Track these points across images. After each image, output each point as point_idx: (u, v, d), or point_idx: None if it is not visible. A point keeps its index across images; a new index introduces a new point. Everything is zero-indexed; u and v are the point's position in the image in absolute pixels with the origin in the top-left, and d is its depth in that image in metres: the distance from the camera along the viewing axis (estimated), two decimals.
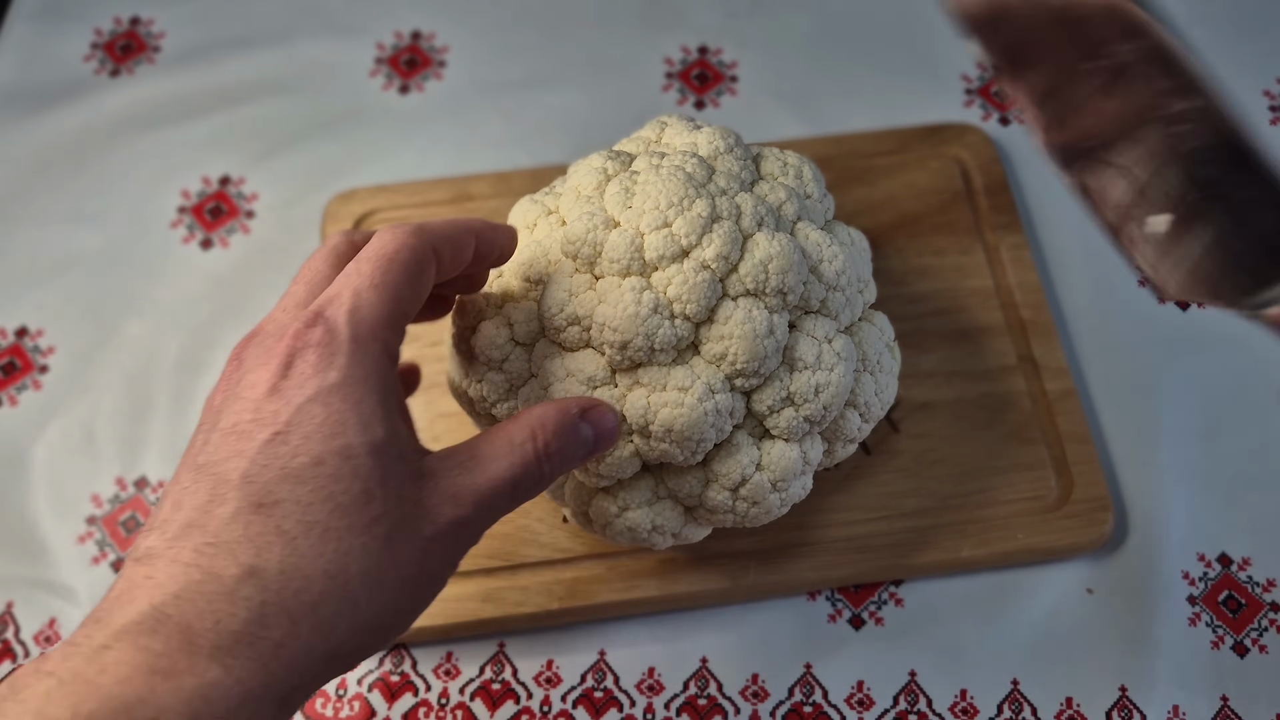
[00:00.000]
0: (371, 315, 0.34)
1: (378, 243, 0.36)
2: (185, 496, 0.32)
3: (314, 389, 0.32)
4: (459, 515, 0.34)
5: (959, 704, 0.49)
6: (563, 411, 0.37)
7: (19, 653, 0.52)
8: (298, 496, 0.31)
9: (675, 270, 0.40)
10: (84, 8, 0.70)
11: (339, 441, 0.32)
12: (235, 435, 0.32)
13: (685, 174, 0.42)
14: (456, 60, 0.68)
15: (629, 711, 0.50)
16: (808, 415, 0.42)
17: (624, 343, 0.40)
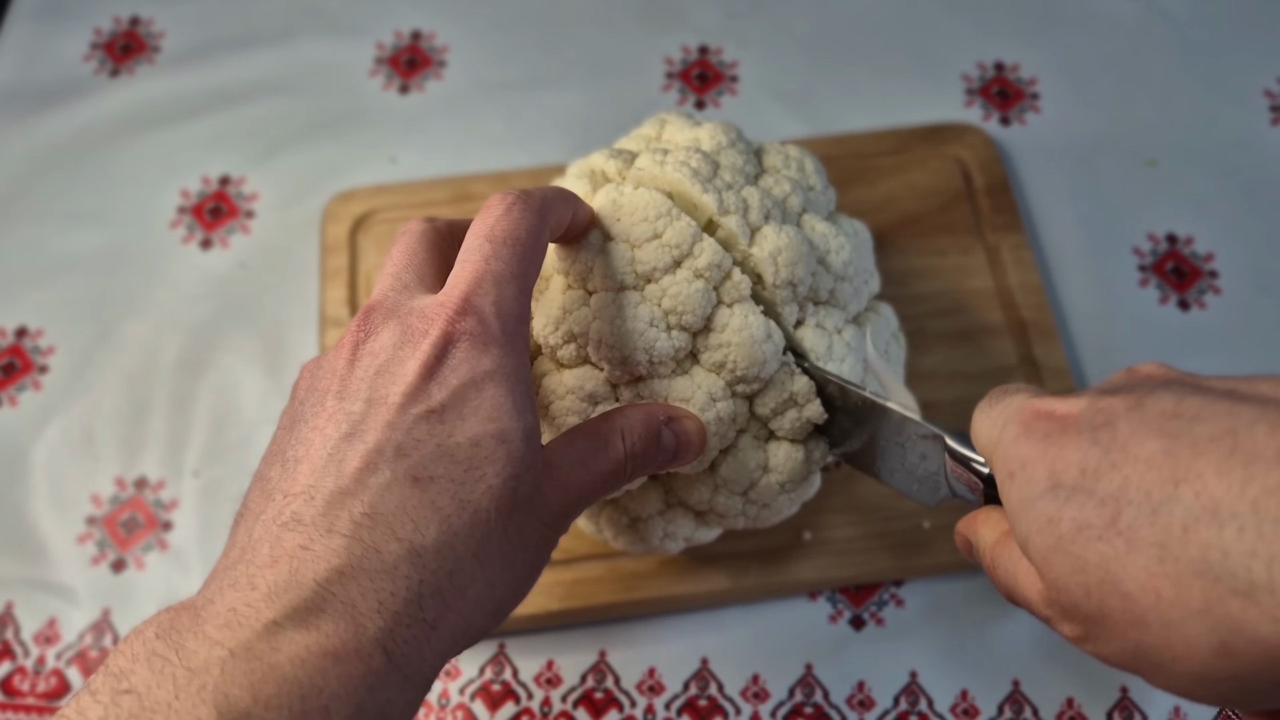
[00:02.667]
0: (514, 309, 0.35)
1: (507, 221, 0.36)
2: (331, 464, 0.31)
3: (469, 373, 0.32)
4: (567, 507, 0.35)
5: (960, 704, 0.49)
6: (650, 417, 0.38)
7: (19, 653, 0.52)
8: (453, 475, 0.31)
9: (670, 281, 0.40)
10: (84, 8, 0.70)
11: (496, 425, 0.32)
12: (386, 408, 0.32)
13: (691, 169, 0.42)
14: (456, 60, 0.68)
15: (629, 712, 0.50)
16: (810, 417, 0.42)
17: (623, 358, 0.40)
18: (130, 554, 0.54)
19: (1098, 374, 0.57)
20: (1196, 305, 0.59)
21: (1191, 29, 0.67)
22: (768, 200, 0.43)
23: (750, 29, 0.69)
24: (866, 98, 0.66)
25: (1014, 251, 0.58)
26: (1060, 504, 0.29)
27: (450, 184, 0.62)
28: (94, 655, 0.52)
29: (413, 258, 0.37)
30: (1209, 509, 0.26)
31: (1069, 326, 0.58)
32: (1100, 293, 0.59)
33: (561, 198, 0.39)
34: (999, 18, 0.69)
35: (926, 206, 0.60)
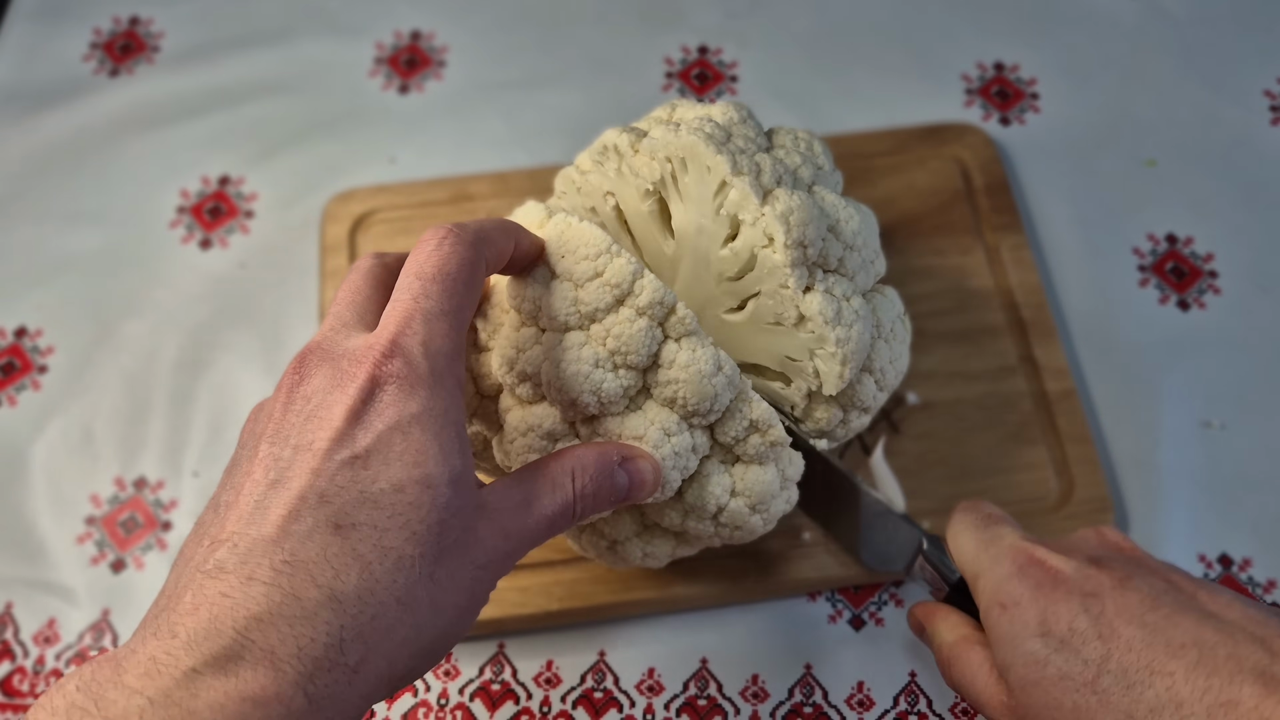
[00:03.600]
0: (445, 347, 0.34)
1: (438, 256, 0.36)
2: (257, 511, 0.31)
3: (395, 417, 0.32)
4: (507, 549, 0.35)
5: (960, 704, 0.49)
6: (603, 457, 0.38)
7: (18, 653, 0.52)
8: (375, 521, 0.31)
9: (613, 320, 0.39)
10: (83, 8, 0.70)
11: (420, 470, 0.32)
12: (312, 454, 0.32)
13: (705, 134, 0.42)
14: (456, 60, 0.68)
15: (629, 712, 0.50)
16: (774, 440, 0.41)
17: (572, 400, 0.40)
18: (130, 554, 0.54)
19: (1097, 374, 0.57)
20: (1196, 305, 0.59)
21: (1191, 29, 0.67)
22: (780, 167, 0.43)
23: (750, 29, 0.69)
24: (866, 98, 0.66)
25: (1014, 251, 0.58)
26: (1049, 651, 0.37)
27: (450, 184, 0.62)
28: (94, 655, 0.51)
29: (355, 295, 0.37)
30: (1174, 702, 0.34)
31: (1069, 326, 0.58)
32: (1100, 293, 0.59)
33: (500, 229, 0.39)
34: (999, 18, 0.69)
35: (926, 206, 0.60)
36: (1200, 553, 0.53)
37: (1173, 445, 0.55)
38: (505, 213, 0.60)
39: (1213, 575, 0.52)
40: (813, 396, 0.46)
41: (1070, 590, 0.37)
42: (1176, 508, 0.53)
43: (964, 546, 0.42)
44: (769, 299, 0.44)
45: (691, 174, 0.44)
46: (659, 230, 0.48)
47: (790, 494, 0.44)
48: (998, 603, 0.39)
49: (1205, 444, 0.55)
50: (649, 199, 0.47)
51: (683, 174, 0.45)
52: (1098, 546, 0.41)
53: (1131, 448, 0.55)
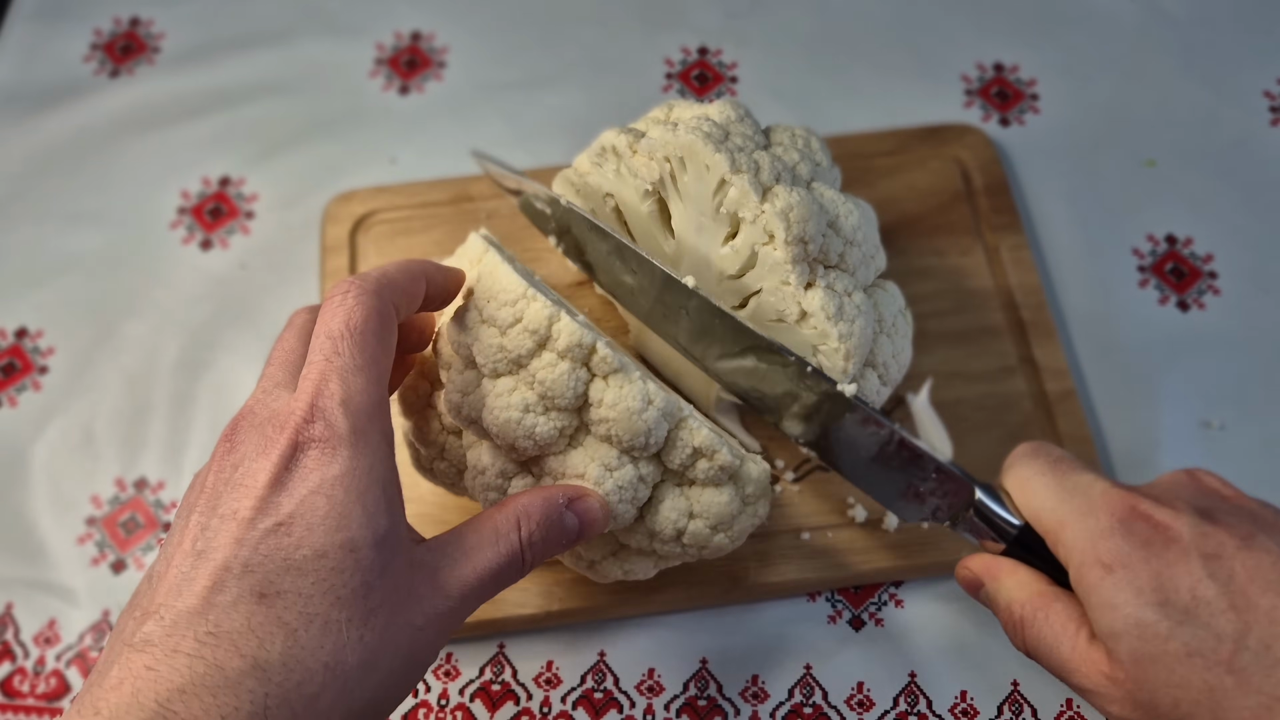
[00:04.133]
0: (364, 402, 0.34)
1: (343, 312, 0.36)
2: (184, 582, 0.32)
3: (317, 481, 0.33)
4: (448, 606, 0.35)
5: (959, 705, 0.49)
6: (548, 502, 0.38)
7: (18, 653, 0.52)
8: (300, 588, 0.32)
9: (537, 365, 0.40)
10: (84, 8, 0.70)
11: (343, 534, 0.32)
12: (236, 523, 0.32)
13: (703, 133, 0.42)
14: (456, 60, 0.68)
15: (629, 712, 0.50)
16: (723, 465, 0.41)
17: (510, 444, 0.40)
18: (130, 554, 0.54)
19: (1097, 374, 0.57)
20: (1196, 306, 0.59)
21: (1191, 29, 0.67)
22: (778, 164, 0.43)
23: (750, 29, 0.69)
24: (866, 98, 0.66)
25: (1013, 252, 0.58)
26: (1172, 623, 0.32)
27: (450, 184, 0.62)
28: (94, 656, 0.52)
29: (288, 355, 0.37)
30: None
31: (1068, 326, 0.58)
32: (1100, 293, 0.59)
33: (404, 272, 0.39)
34: (998, 18, 0.69)
35: (926, 207, 0.60)
36: None
37: (1173, 445, 0.55)
38: (506, 213, 0.61)
39: None
40: None
41: (1187, 550, 0.33)
42: None
43: (1039, 495, 0.38)
44: (770, 296, 0.44)
45: (690, 173, 0.44)
46: (659, 230, 0.48)
47: (758, 508, 0.44)
48: (1099, 562, 0.34)
49: (1205, 444, 0.55)
50: (648, 199, 0.47)
51: (681, 173, 0.45)
52: (1197, 494, 0.36)
53: (1131, 448, 0.55)
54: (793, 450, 0.53)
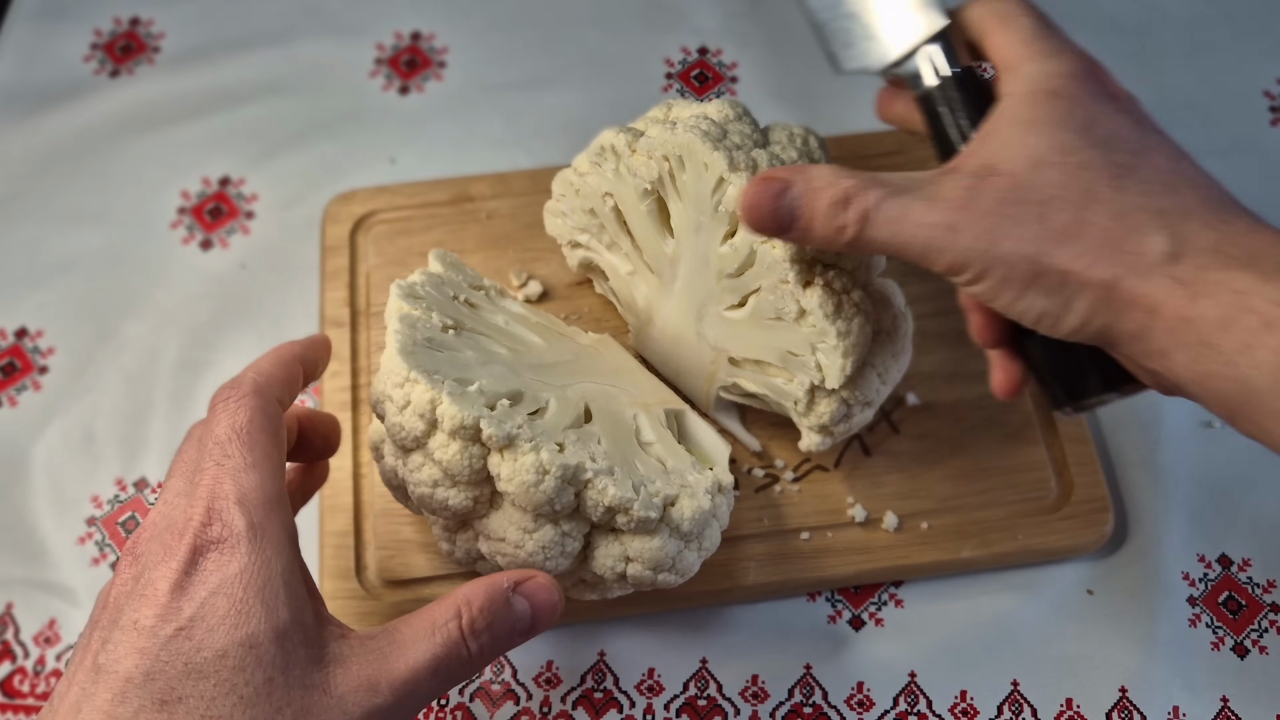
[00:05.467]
0: (260, 498, 0.35)
1: (227, 418, 0.37)
2: (85, 700, 0.32)
3: (217, 581, 0.33)
4: (374, 704, 0.34)
5: (959, 705, 0.49)
6: (492, 586, 0.37)
7: (19, 653, 0.52)
8: (201, 692, 0.31)
9: (434, 444, 0.40)
10: (84, 8, 0.70)
11: (243, 631, 0.32)
12: (137, 632, 0.32)
13: (701, 131, 0.43)
14: (456, 60, 0.68)
15: (629, 712, 0.50)
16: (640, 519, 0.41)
17: (432, 512, 0.41)
18: None
19: None
20: None
21: (1191, 29, 0.67)
22: (776, 162, 0.43)
23: (750, 29, 0.69)
24: (866, 98, 0.66)
25: None
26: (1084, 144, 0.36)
27: (450, 184, 0.62)
28: None
29: (187, 465, 0.38)
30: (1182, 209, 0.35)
31: None
32: None
33: (278, 363, 0.40)
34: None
35: None
36: (1200, 553, 0.53)
37: (1173, 445, 0.55)
38: (507, 213, 0.61)
39: (1212, 576, 0.52)
40: (815, 391, 0.46)
41: (1122, 108, 0.38)
42: (1176, 508, 0.53)
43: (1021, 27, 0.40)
44: (769, 294, 0.44)
45: (689, 171, 0.44)
46: (658, 230, 0.48)
47: (704, 540, 0.44)
48: (1050, 90, 0.37)
49: (1205, 444, 0.55)
50: (647, 198, 0.47)
51: (680, 172, 0.45)
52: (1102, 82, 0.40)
53: (1131, 448, 0.55)
54: (793, 450, 0.53)
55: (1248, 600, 0.52)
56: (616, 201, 0.49)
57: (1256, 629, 0.51)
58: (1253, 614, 0.51)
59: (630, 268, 0.51)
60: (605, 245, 0.52)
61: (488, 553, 0.42)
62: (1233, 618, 0.51)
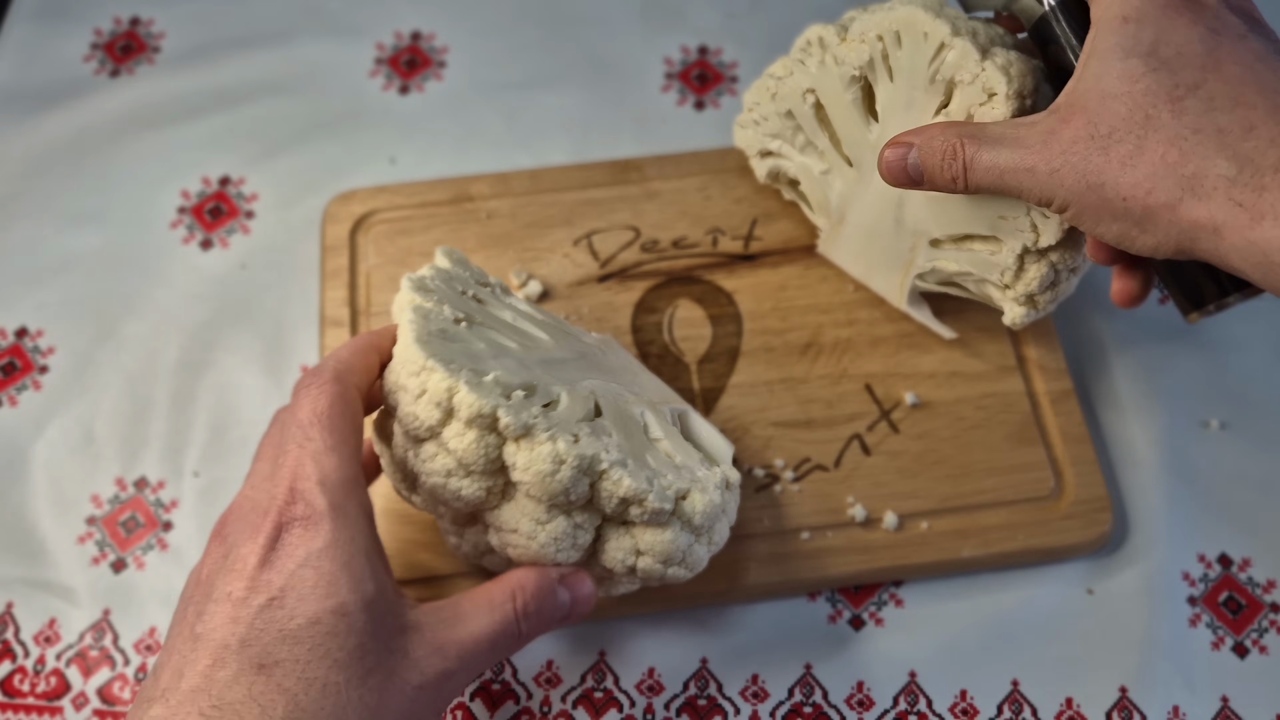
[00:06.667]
0: (339, 478, 0.37)
1: (309, 402, 0.39)
2: (186, 665, 0.34)
3: (303, 555, 0.35)
4: (444, 667, 0.37)
5: (959, 704, 0.49)
6: (543, 576, 0.41)
7: (19, 653, 0.52)
8: (296, 655, 0.33)
9: (449, 433, 0.40)
10: (84, 8, 0.70)
11: (333, 601, 0.34)
12: (230, 603, 0.34)
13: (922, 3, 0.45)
14: (456, 60, 0.68)
15: (629, 712, 0.50)
16: (654, 510, 0.41)
17: (445, 503, 0.41)
18: (130, 554, 0.54)
19: (1097, 373, 0.57)
20: None
21: None
22: (991, 30, 0.45)
23: (750, 29, 0.69)
24: None
25: None
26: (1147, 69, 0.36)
27: (450, 184, 0.62)
28: (94, 655, 0.52)
29: (273, 450, 0.39)
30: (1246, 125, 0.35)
31: (1068, 326, 0.58)
32: (1100, 292, 0.59)
33: (357, 352, 0.41)
34: None
35: None
36: (1200, 552, 0.53)
37: (1172, 445, 0.55)
38: (507, 213, 0.61)
39: (1212, 576, 0.52)
40: (1025, 255, 0.47)
41: (1199, 16, 0.37)
42: (1176, 508, 0.53)
43: None
44: None
45: (905, 47, 0.46)
46: (862, 117, 0.49)
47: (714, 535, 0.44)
48: (1121, 14, 0.38)
49: (1205, 444, 0.55)
50: (853, 86, 0.49)
51: (895, 50, 0.46)
52: None
53: (1131, 448, 0.55)
54: (792, 450, 0.53)
55: (1248, 600, 0.52)
56: (819, 96, 0.50)
57: (1256, 629, 0.51)
58: (1253, 614, 0.51)
59: (824, 167, 0.53)
60: (799, 148, 0.54)
61: (498, 545, 0.42)
62: (1233, 618, 0.51)
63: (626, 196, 0.61)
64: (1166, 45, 0.37)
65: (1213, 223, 0.35)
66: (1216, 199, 0.35)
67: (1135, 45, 0.37)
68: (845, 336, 0.56)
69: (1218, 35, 0.37)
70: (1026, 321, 0.50)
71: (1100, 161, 0.37)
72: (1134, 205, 0.36)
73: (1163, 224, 0.36)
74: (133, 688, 0.51)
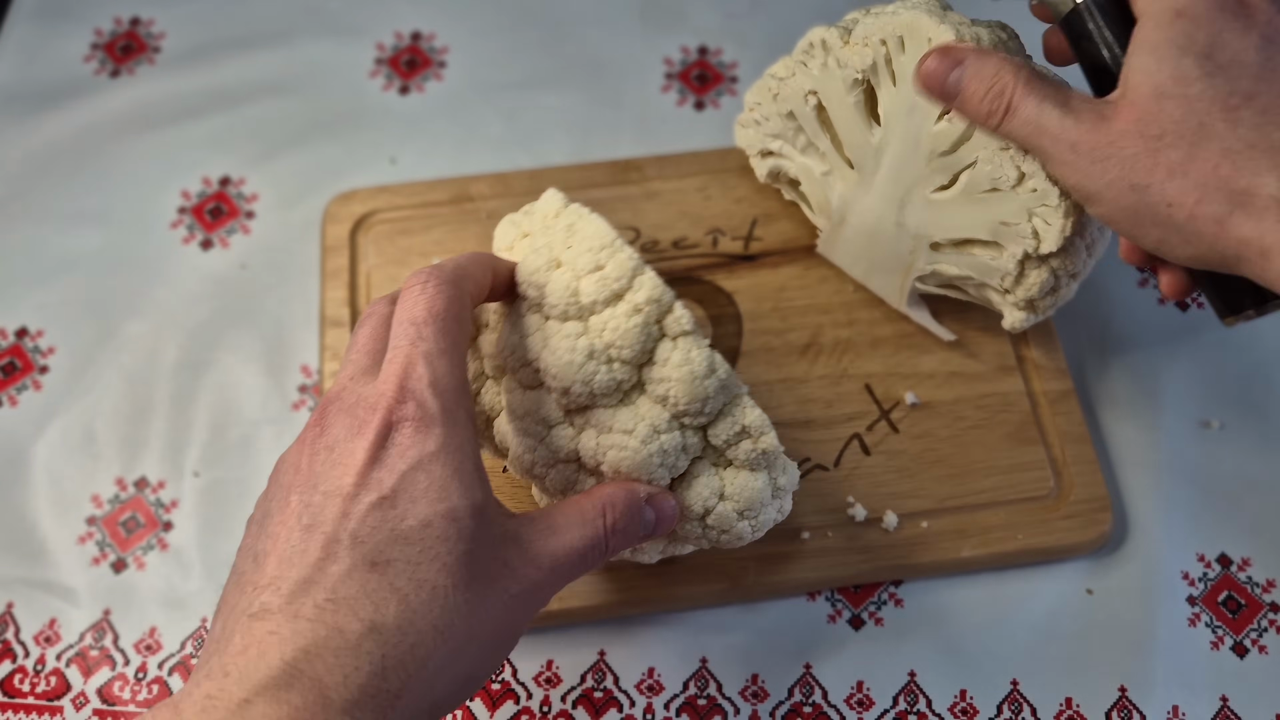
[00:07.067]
0: (450, 384, 0.36)
1: (426, 300, 0.38)
2: (294, 555, 0.33)
3: (415, 457, 0.34)
4: (538, 578, 0.37)
5: (959, 704, 0.49)
6: (631, 495, 0.40)
7: (19, 653, 0.52)
8: (408, 556, 0.33)
9: (610, 314, 0.40)
10: (84, 8, 0.70)
11: (445, 505, 0.34)
12: (340, 498, 0.34)
13: (926, 8, 0.45)
14: (456, 60, 0.68)
15: (629, 712, 0.50)
16: (765, 449, 0.42)
17: (564, 389, 0.40)
18: (130, 554, 0.54)
19: (1097, 373, 0.57)
20: (1195, 305, 0.59)
21: None
22: (994, 35, 0.45)
23: (750, 29, 0.69)
24: None
25: None
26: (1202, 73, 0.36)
27: (450, 184, 0.62)
28: (94, 655, 0.52)
29: (370, 342, 0.39)
30: None
31: (1068, 326, 0.58)
32: (1099, 292, 0.59)
33: (477, 263, 0.41)
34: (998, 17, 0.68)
35: None
36: (1199, 552, 0.53)
37: (1172, 445, 0.55)
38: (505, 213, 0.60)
39: (1212, 575, 0.52)
40: (1026, 261, 0.47)
41: (1254, 23, 0.36)
42: (1176, 508, 0.53)
43: None
44: (986, 165, 0.46)
45: (909, 51, 0.46)
46: (864, 120, 0.49)
47: (784, 504, 0.44)
48: (1174, 8, 0.36)
49: (1205, 444, 0.55)
50: (856, 89, 0.48)
51: (898, 54, 0.46)
52: None
53: (1131, 448, 0.55)
54: (792, 450, 0.53)
55: (1247, 600, 0.52)
56: (820, 98, 0.50)
57: (1256, 629, 0.51)
58: (1252, 614, 0.51)
59: (825, 168, 0.53)
60: (800, 149, 0.53)
61: (596, 447, 0.41)
62: (1232, 617, 0.51)
63: (626, 197, 0.61)
64: (1222, 49, 0.36)
65: (1261, 243, 0.34)
66: (1267, 220, 0.34)
67: (1189, 44, 0.36)
68: (845, 337, 0.56)
69: (1273, 45, 0.36)
70: (1026, 325, 0.50)
71: (1148, 164, 0.36)
72: (1178, 214, 0.36)
73: (1207, 237, 0.36)
74: (132, 687, 0.51)
